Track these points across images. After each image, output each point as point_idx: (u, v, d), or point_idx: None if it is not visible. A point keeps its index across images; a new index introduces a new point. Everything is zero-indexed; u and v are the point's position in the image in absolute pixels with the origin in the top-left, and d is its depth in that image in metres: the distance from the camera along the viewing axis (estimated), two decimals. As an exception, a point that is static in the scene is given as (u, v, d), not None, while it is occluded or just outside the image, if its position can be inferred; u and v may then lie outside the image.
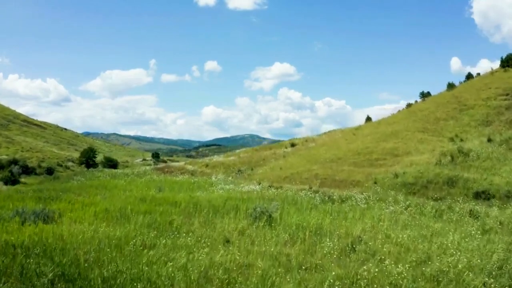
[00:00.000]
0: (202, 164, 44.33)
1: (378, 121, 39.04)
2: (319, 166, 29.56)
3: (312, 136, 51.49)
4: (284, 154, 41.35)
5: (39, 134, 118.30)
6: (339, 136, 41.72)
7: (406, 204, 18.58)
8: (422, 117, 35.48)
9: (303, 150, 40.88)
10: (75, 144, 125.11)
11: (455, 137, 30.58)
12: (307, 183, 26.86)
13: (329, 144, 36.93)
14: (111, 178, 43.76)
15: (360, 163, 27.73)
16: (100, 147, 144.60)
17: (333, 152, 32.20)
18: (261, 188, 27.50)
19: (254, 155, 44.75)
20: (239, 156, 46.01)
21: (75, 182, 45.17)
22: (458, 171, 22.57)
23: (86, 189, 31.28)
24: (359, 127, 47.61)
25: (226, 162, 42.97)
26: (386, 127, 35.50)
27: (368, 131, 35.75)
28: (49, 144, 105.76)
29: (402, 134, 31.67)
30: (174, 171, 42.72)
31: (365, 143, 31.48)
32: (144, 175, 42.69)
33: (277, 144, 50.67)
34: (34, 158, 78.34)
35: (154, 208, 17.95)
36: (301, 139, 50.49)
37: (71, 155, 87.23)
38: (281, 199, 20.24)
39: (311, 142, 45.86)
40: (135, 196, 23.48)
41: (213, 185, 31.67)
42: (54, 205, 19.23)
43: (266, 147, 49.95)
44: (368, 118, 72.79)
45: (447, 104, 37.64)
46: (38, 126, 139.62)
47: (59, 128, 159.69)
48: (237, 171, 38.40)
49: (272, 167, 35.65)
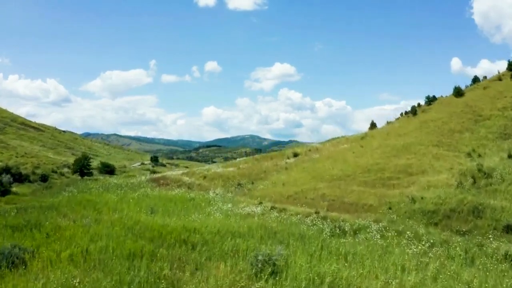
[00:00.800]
0: (200, 176, 41.89)
1: (386, 132, 36.56)
2: (325, 184, 27.11)
3: (315, 144, 49.05)
4: (286, 166, 38.88)
5: (36, 138, 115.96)
6: (345, 147, 39.25)
7: (429, 241, 16.18)
8: (435, 128, 33.04)
9: (306, 162, 38.43)
10: (72, 147, 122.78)
11: (473, 152, 28.16)
12: (313, 205, 24.43)
13: (334, 157, 34.48)
14: (104, 190, 41.40)
15: (371, 183, 25.29)
16: (98, 150, 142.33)
17: (340, 167, 29.76)
18: (263, 210, 25.09)
19: (255, 167, 42.29)
20: (238, 167, 43.56)
21: (66, 193, 42.86)
22: (483, 197, 20.15)
23: (74, 208, 28.90)
24: (366, 136, 45.17)
25: (225, 174, 40.54)
26: (396, 139, 33.05)
27: (376, 144, 33.32)
28: (45, 148, 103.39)
29: (415, 148, 29.23)
30: (170, 183, 40.29)
31: (375, 158, 29.04)
32: (138, 188, 40.28)
33: (279, 153, 48.23)
34: (28, 164, 76.04)
35: (140, 246, 15.54)
36: (304, 148, 48.06)
37: (67, 160, 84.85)
38: (286, 232, 17.80)
39: (314, 152, 43.39)
40: (124, 223, 21.06)
41: (211, 203, 29.25)
42: (28, 240, 16.83)
43: (267, 156, 47.50)
44: (372, 124, 70.27)
45: (461, 114, 35.20)
46: (36, 129, 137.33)
47: (57, 131, 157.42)
48: (237, 184, 35.97)
49: (274, 181, 33.22)
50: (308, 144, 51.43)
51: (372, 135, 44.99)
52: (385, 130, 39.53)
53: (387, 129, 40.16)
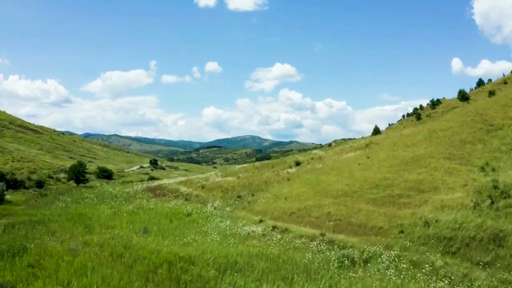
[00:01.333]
0: (198, 186, 40.20)
1: (394, 142, 34.84)
2: (330, 201, 25.42)
3: (318, 152, 47.37)
4: (288, 177, 37.20)
5: (34, 141, 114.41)
6: (350, 157, 37.57)
7: (448, 276, 14.54)
8: (445, 139, 31.34)
9: (309, 172, 36.74)
10: (70, 150, 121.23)
11: (486, 166, 26.44)
12: (317, 225, 22.75)
13: (339, 169, 32.79)
14: (98, 201, 39.77)
15: (380, 200, 23.59)
16: (97, 152, 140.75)
17: (345, 181, 28.06)
18: (264, 230, 23.41)
19: (255, 176, 40.61)
20: (238, 176, 41.87)
21: (60, 203, 41.30)
22: (503, 222, 18.45)
23: (65, 224, 27.35)
24: (370, 143, 43.50)
25: (224, 184, 38.85)
26: (404, 150, 31.36)
27: (384, 155, 31.62)
28: (43, 151, 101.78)
29: (425, 161, 27.54)
30: (167, 194, 38.63)
31: (383, 172, 27.35)
32: (134, 198, 38.64)
33: (280, 161, 46.54)
34: (25, 168, 74.44)
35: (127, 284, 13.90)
36: (306, 155, 46.38)
37: (64, 165, 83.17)
38: (290, 263, 16.12)
39: (317, 161, 41.72)
40: (113, 246, 19.47)
41: (208, 219, 27.60)
42: (8, 273, 15.25)
43: (268, 164, 45.83)
44: (376, 130, 68.50)
45: (472, 123, 33.49)
46: (34, 131, 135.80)
47: (56, 133, 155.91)
48: (236, 196, 34.30)
49: (275, 194, 31.54)
50: (310, 151, 49.76)
51: (377, 143, 43.30)
52: (392, 139, 37.78)
53: (394, 138, 38.40)
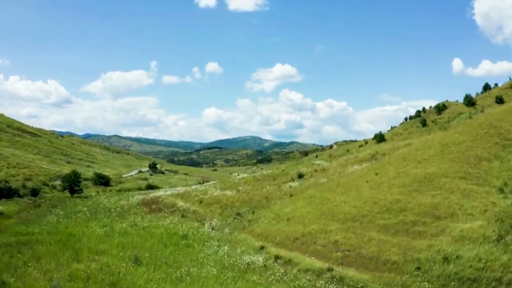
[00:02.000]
0: (196, 200, 38.17)
1: (403, 156, 32.69)
2: (337, 226, 23.38)
3: (321, 163, 45.34)
4: (290, 192, 35.17)
5: (31, 144, 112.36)
6: (356, 171, 35.48)
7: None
8: (458, 154, 29.27)
9: (312, 187, 34.71)
10: (69, 154, 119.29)
11: (505, 187, 24.39)
12: (324, 255, 20.73)
13: (345, 185, 30.74)
14: (90, 216, 37.80)
15: (392, 228, 21.54)
16: (96, 156, 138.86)
17: (353, 202, 26.01)
18: (265, 260, 21.40)
19: (256, 190, 38.59)
20: (237, 189, 39.82)
21: (52, 217, 39.40)
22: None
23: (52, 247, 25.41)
24: (376, 154, 41.43)
25: (223, 199, 36.83)
26: (415, 166, 29.29)
27: (393, 171, 29.55)
28: (40, 156, 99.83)
29: (439, 181, 25.49)
30: (163, 209, 36.62)
31: (394, 193, 25.29)
32: (128, 214, 36.64)
33: (282, 173, 44.49)
34: (20, 175, 72.52)
35: None
36: (309, 167, 44.34)
37: (61, 171, 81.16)
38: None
39: (321, 173, 39.68)
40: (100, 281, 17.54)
41: (205, 244, 25.59)
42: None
43: (270, 176, 43.78)
44: (381, 136, 66.25)
45: (486, 136, 31.42)
46: (32, 134, 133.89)
47: (55, 136, 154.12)
48: (236, 214, 32.29)
49: (277, 213, 29.52)
50: (313, 162, 47.73)
51: (383, 153, 41.25)
52: (400, 152, 35.65)
53: (402, 151, 36.25)
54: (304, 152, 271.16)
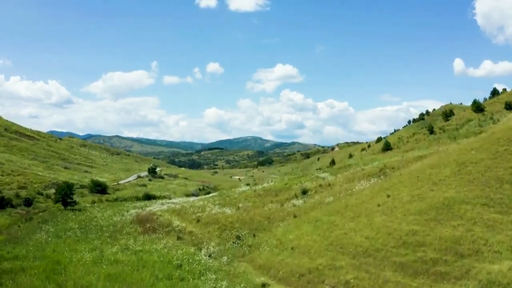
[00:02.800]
0: (193, 218, 35.78)
1: (416, 175, 30.14)
2: (347, 261, 20.94)
3: (326, 177, 42.86)
4: (294, 212, 32.73)
5: (28, 149, 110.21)
6: (365, 189, 32.97)
7: None
8: (477, 175, 26.78)
9: (318, 207, 32.26)
10: (66, 158, 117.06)
11: (532, 216, 21.96)
12: (333, 299, 18.31)
13: (354, 207, 28.26)
14: (82, 234, 35.47)
15: (411, 266, 19.07)
16: (95, 160, 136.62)
17: (364, 230, 23.56)
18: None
19: (257, 207, 36.19)
20: (237, 206, 37.40)
21: (42, 235, 37.17)
22: None
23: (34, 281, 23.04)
24: (385, 167, 38.87)
25: (221, 218, 34.41)
26: (431, 188, 26.80)
27: (407, 194, 27.04)
28: (36, 161, 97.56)
29: (459, 208, 23.02)
30: (157, 229, 34.21)
31: (410, 222, 22.84)
32: (120, 234, 34.26)
33: (285, 187, 42.02)
34: (14, 183, 70.24)
35: None
36: (313, 181, 41.86)
37: (56, 178, 78.89)
38: None
39: (326, 190, 37.21)
40: None
41: (201, 278, 23.14)
42: None
43: (271, 190, 41.31)
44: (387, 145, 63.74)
45: (506, 154, 28.89)
46: (30, 138, 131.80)
47: (53, 139, 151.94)
48: (235, 237, 29.85)
49: (280, 239, 27.08)
50: (318, 175, 45.26)
51: (392, 167, 38.76)
52: (413, 169, 33.09)
53: (414, 167, 33.69)
54: (305, 154, 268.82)
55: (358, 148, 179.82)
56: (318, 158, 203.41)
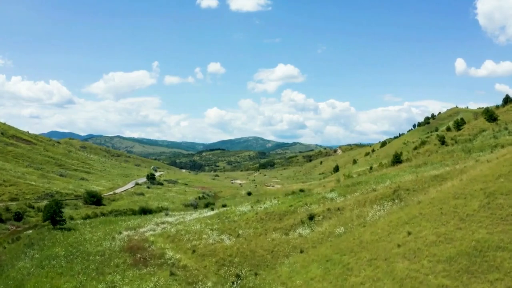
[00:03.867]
0: (189, 248, 32.36)
1: (439, 206, 26.60)
2: (367, 325, 17.49)
3: (335, 199, 39.36)
4: (301, 245, 29.26)
5: (24, 155, 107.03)
6: (380, 219, 29.43)
7: None
8: (510, 209, 23.31)
9: (327, 239, 28.79)
10: (63, 164, 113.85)
11: None
12: None
13: (370, 247, 24.73)
14: (66, 264, 32.19)
15: None
16: (93, 164, 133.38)
17: (385, 282, 20.05)
18: None
19: (259, 235, 32.75)
20: (237, 233, 33.95)
21: (24, 264, 33.99)
22: None
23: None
24: (399, 188, 35.37)
25: (219, 250, 30.96)
26: (458, 225, 23.28)
27: (431, 233, 23.52)
28: (31, 168, 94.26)
29: (494, 256, 19.54)
30: (149, 261, 30.82)
31: (438, 273, 19.33)
32: (108, 266, 30.91)
33: (289, 209, 38.55)
34: (5, 194, 67.00)
35: None
36: (320, 205, 38.37)
37: (50, 188, 75.65)
38: None
39: (335, 216, 33.75)
40: None
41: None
42: None
43: (275, 214, 37.81)
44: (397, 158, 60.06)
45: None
46: (27, 142, 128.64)
47: (51, 143, 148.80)
48: (235, 276, 26.43)
49: (286, 283, 23.63)
50: (325, 195, 41.77)
51: (406, 189, 35.23)
52: (435, 199, 29.40)
53: (437, 197, 29.97)
54: (307, 156, 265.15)
55: (361, 153, 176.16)
56: (321, 162, 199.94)
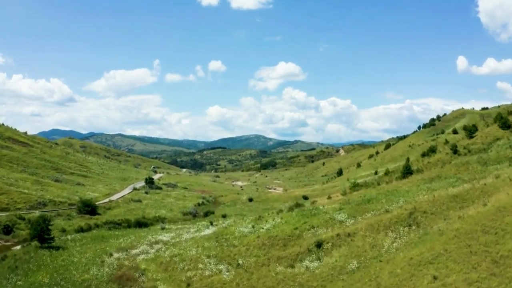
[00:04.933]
0: (183, 281, 28.92)
1: (467, 243, 23.16)
2: None
3: (344, 220, 35.93)
4: (308, 281, 25.73)
5: (19, 159, 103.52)
6: (398, 251, 26.03)
7: None
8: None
9: (339, 280, 25.43)
10: (60, 168, 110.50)
11: None
12: None
13: (386, 284, 21.41)
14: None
15: None
16: (90, 167, 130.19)
17: None
18: None
19: (261, 267, 29.33)
20: (237, 263, 30.60)
21: None
22: None
23: None
24: (415, 211, 31.99)
25: (217, 284, 27.58)
26: (491, 270, 19.82)
27: (461, 278, 20.06)
28: (26, 173, 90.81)
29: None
30: (138, 297, 27.56)
31: None
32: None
33: (294, 233, 34.99)
34: (-5, 204, 64.14)
35: None
36: (328, 226, 34.95)
37: (43, 196, 72.30)
38: None
39: (346, 243, 30.31)
40: None
41: None
42: None
43: (279, 238, 34.29)
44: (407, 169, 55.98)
45: None
46: (24, 145, 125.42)
47: (49, 144, 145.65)
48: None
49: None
50: (332, 215, 38.32)
51: (423, 211, 31.83)
52: (461, 233, 25.78)
53: (462, 228, 26.40)
54: (309, 156, 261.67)
55: (365, 154, 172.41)
56: (324, 163, 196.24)
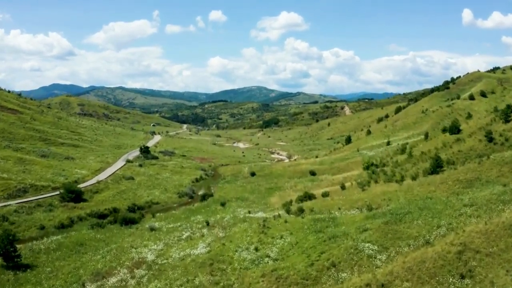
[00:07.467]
0: None
1: None
2: None
3: (372, 253, 28.05)
4: None
5: (5, 130, 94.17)
6: None
7: None
8: None
9: None
10: (49, 138, 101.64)
11: None
12: None
13: None
14: None
15: None
16: (83, 133, 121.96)
17: None
18: None
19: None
20: None
21: None
22: None
23: None
24: (467, 254, 24.08)
25: None
26: None
27: None
28: (10, 149, 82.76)
29: None
30: None
31: None
32: None
33: (311, 274, 27.15)
34: (-28, 193, 56.81)
35: None
36: (353, 263, 27.16)
37: (25, 180, 64.42)
38: None
39: None
40: None
41: None
42: None
43: (290, 284, 26.79)
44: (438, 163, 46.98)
45: None
46: (13, 112, 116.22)
47: (40, 109, 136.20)
48: None
49: None
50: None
51: (477, 250, 24.00)
52: None
53: None
54: (313, 113, 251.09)
55: (373, 116, 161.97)
56: (329, 124, 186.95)
